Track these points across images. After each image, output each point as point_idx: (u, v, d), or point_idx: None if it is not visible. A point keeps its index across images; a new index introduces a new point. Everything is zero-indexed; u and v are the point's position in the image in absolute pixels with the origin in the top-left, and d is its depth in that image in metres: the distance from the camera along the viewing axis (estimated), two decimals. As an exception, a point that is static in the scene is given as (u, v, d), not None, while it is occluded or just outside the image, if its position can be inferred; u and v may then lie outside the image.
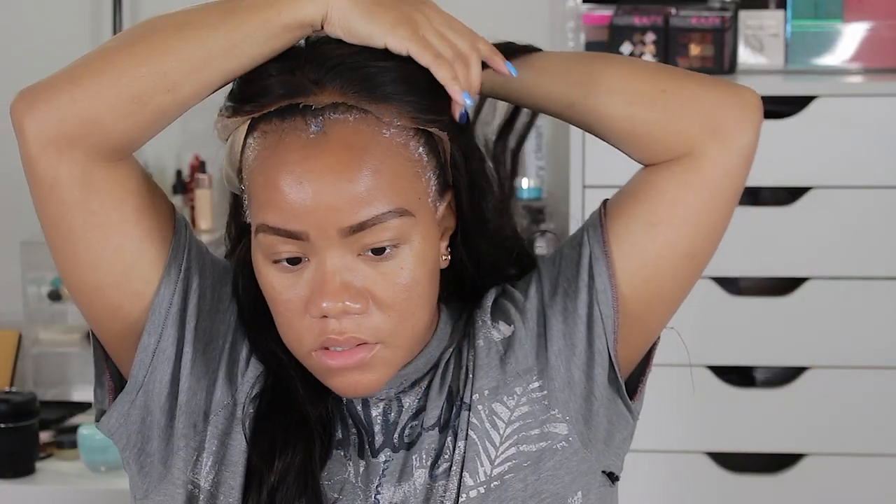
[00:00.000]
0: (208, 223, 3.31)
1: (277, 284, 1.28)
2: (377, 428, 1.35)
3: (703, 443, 2.93)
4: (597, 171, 2.88)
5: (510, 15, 3.23)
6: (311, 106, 1.25)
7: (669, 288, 1.35)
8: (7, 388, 3.16)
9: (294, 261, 1.27)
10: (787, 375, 2.95)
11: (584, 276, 1.35)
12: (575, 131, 2.87)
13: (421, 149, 1.28)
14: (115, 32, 3.43)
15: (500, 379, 1.34)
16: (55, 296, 3.32)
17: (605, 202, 1.39)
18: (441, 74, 1.26)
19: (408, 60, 1.27)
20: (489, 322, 1.37)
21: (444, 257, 1.34)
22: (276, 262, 1.28)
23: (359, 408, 1.35)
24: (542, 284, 1.37)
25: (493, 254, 1.39)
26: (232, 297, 1.37)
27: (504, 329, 1.36)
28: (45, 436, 2.98)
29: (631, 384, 1.39)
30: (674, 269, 1.34)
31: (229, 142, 1.31)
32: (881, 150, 2.85)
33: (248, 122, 1.29)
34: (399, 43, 1.26)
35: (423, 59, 1.26)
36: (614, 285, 1.34)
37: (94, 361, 1.37)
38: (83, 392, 3.27)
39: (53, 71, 1.35)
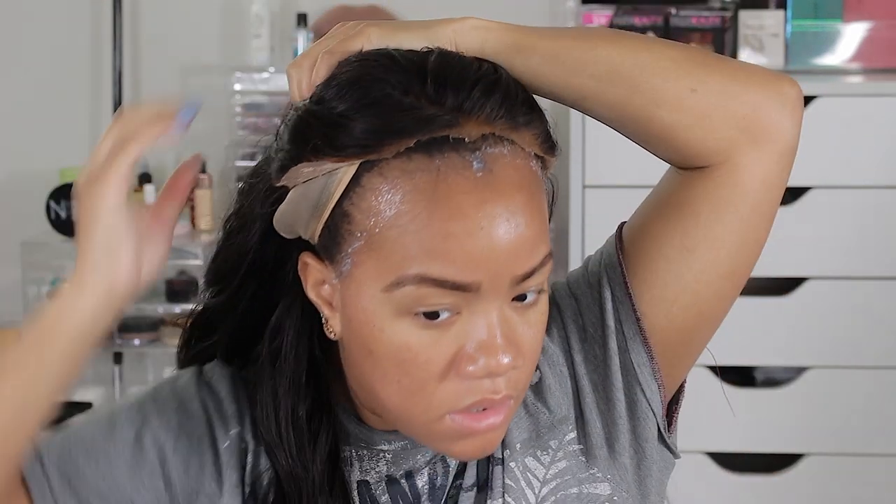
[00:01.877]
0: (208, 223, 3.31)
1: (416, 343, 1.10)
2: (423, 498, 1.22)
3: (703, 443, 2.93)
4: (597, 171, 2.89)
5: (510, 15, 3.22)
6: (464, 139, 1.09)
7: (712, 310, 1.22)
8: (7, 388, 3.16)
9: (432, 314, 1.10)
10: (787, 375, 2.95)
11: (610, 321, 1.22)
12: (575, 131, 2.87)
13: (545, 180, 1.17)
14: (114, 33, 3.43)
15: (531, 430, 1.22)
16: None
17: (620, 227, 1.24)
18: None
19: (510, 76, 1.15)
20: None
21: None
22: (414, 315, 1.10)
23: (403, 482, 1.21)
24: (564, 324, 1.24)
25: None
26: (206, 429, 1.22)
27: (533, 375, 1.21)
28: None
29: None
30: (715, 291, 1.20)
31: (314, 186, 1.12)
32: (881, 150, 2.85)
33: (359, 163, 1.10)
34: None
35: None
36: (643, 328, 1.20)
37: None
38: (83, 392, 3.27)
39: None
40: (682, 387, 1.27)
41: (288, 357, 1.19)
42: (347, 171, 1.10)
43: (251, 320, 1.23)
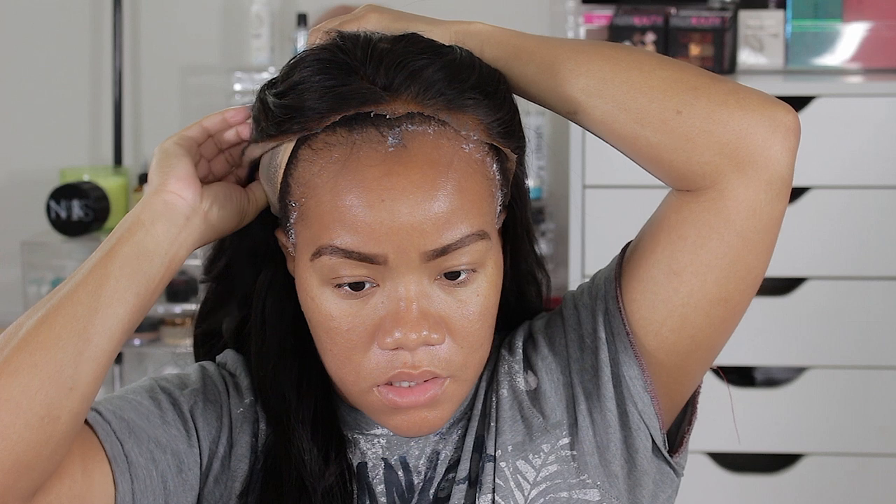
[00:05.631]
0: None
1: (337, 312, 1.15)
2: (416, 488, 1.24)
3: (703, 443, 2.93)
4: (597, 171, 2.88)
5: (510, 15, 3.23)
6: (386, 115, 1.13)
7: (704, 335, 1.21)
8: (7, 388, 3.15)
9: (357, 286, 1.14)
10: (786, 375, 2.95)
11: (602, 333, 1.22)
12: (575, 131, 2.87)
13: (495, 166, 1.18)
14: (115, 33, 3.43)
15: (524, 434, 1.23)
16: (55, 296, 3.31)
17: (626, 245, 1.24)
18: None
19: (473, 62, 1.17)
20: (518, 369, 1.26)
21: None
22: (337, 286, 1.15)
23: (400, 472, 1.24)
24: (565, 333, 1.25)
25: (529, 284, 1.31)
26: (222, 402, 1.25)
27: (531, 380, 1.25)
28: (45, 436, 2.97)
29: (672, 430, 1.27)
30: (706, 317, 1.19)
31: (265, 161, 1.20)
32: (881, 150, 2.85)
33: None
34: None
35: None
36: (634, 343, 1.20)
37: None
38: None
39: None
40: (694, 407, 1.27)
41: (271, 327, 1.24)
42: (288, 145, 1.16)
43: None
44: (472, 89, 1.15)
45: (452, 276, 1.15)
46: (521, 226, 1.26)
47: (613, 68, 1.16)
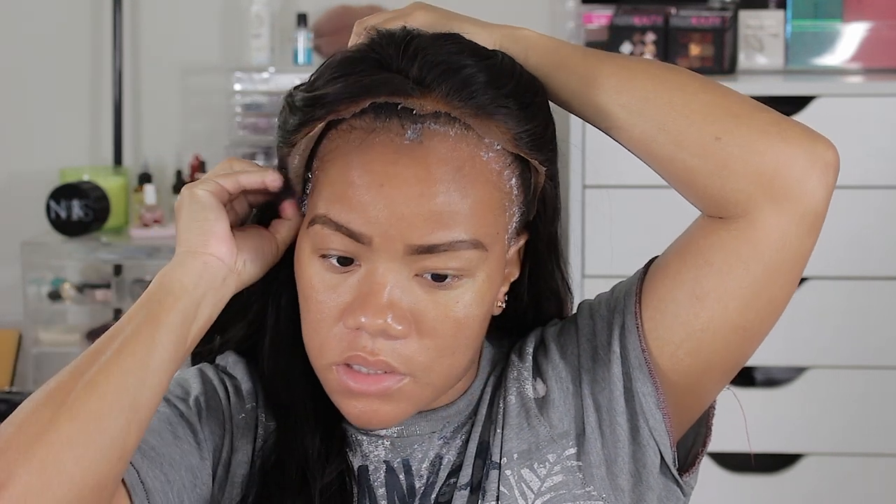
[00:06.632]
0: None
1: (318, 282, 1.16)
2: (417, 492, 1.23)
3: (703, 443, 2.94)
4: (597, 171, 2.88)
5: (510, 15, 3.22)
6: (412, 110, 1.14)
7: (720, 360, 1.20)
8: (7, 388, 3.16)
9: (345, 261, 1.15)
10: (787, 375, 2.95)
11: (617, 347, 1.21)
12: (575, 131, 2.86)
13: (514, 180, 1.17)
14: (115, 33, 3.43)
15: (531, 442, 1.22)
16: (55, 296, 3.32)
17: (651, 261, 1.23)
18: None
19: (514, 69, 1.17)
20: (528, 376, 1.25)
21: (499, 304, 1.22)
22: (323, 256, 1.16)
23: (401, 476, 1.23)
24: (578, 342, 1.24)
25: (548, 301, 1.29)
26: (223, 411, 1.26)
27: (539, 388, 1.24)
28: (45, 436, 2.98)
29: (683, 449, 1.26)
30: (724, 343, 1.18)
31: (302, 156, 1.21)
32: (881, 150, 2.86)
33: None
34: None
35: None
36: (649, 360, 1.20)
37: None
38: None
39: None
40: (709, 429, 1.26)
41: (286, 319, 1.24)
42: (321, 125, 1.17)
43: (259, 310, 1.27)
44: (506, 97, 1.15)
45: (439, 277, 1.15)
46: (545, 244, 1.25)
47: (657, 88, 1.15)
